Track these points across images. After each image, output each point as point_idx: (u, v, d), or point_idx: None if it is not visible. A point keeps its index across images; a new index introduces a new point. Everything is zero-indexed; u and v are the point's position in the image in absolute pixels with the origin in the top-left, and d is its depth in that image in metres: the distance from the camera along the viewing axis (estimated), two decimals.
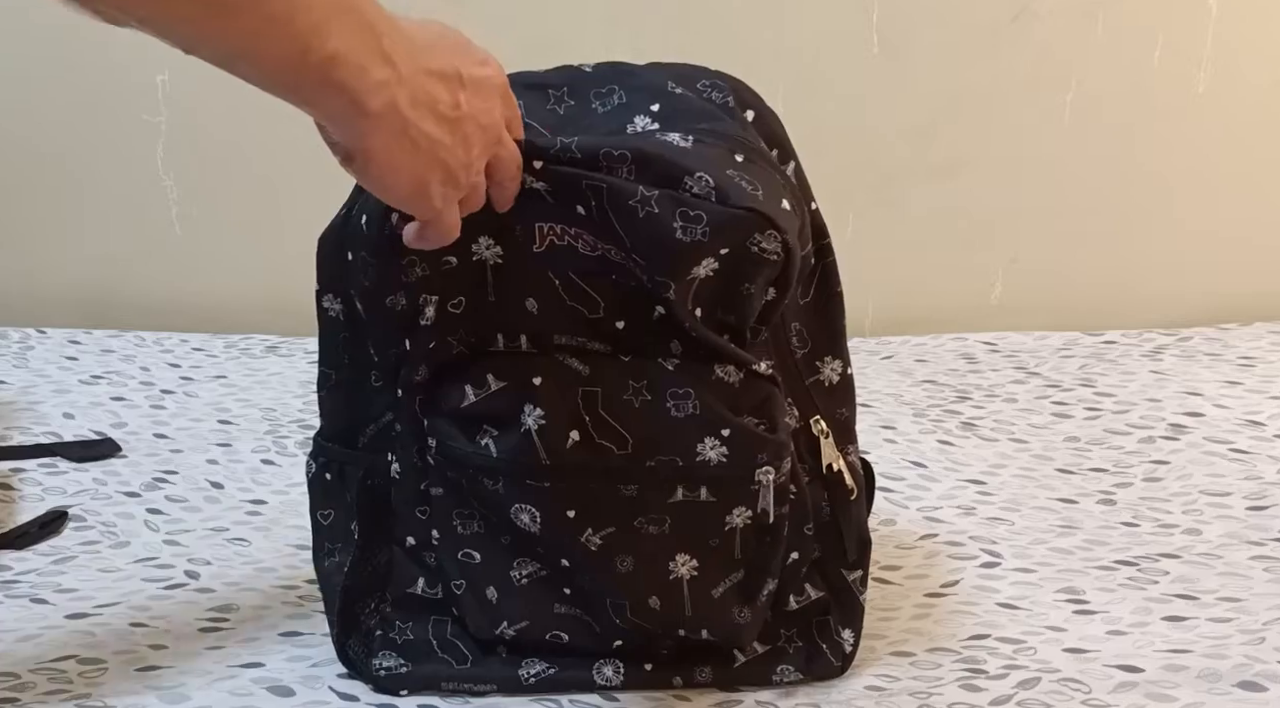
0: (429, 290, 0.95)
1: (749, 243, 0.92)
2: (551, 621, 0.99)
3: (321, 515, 1.04)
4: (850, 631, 1.04)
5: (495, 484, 0.95)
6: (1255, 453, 1.44)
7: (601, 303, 0.95)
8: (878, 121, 1.84)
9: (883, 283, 1.89)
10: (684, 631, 0.99)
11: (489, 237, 0.94)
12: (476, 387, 0.95)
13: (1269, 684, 1.02)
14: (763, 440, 0.95)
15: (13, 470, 1.34)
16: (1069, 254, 1.92)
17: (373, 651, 1.01)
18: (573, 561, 0.97)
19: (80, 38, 1.73)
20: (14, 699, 0.98)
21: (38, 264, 1.81)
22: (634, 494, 0.95)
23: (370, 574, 1.01)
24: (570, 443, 0.94)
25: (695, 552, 0.97)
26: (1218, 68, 1.86)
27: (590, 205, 0.92)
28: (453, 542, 0.98)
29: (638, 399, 0.94)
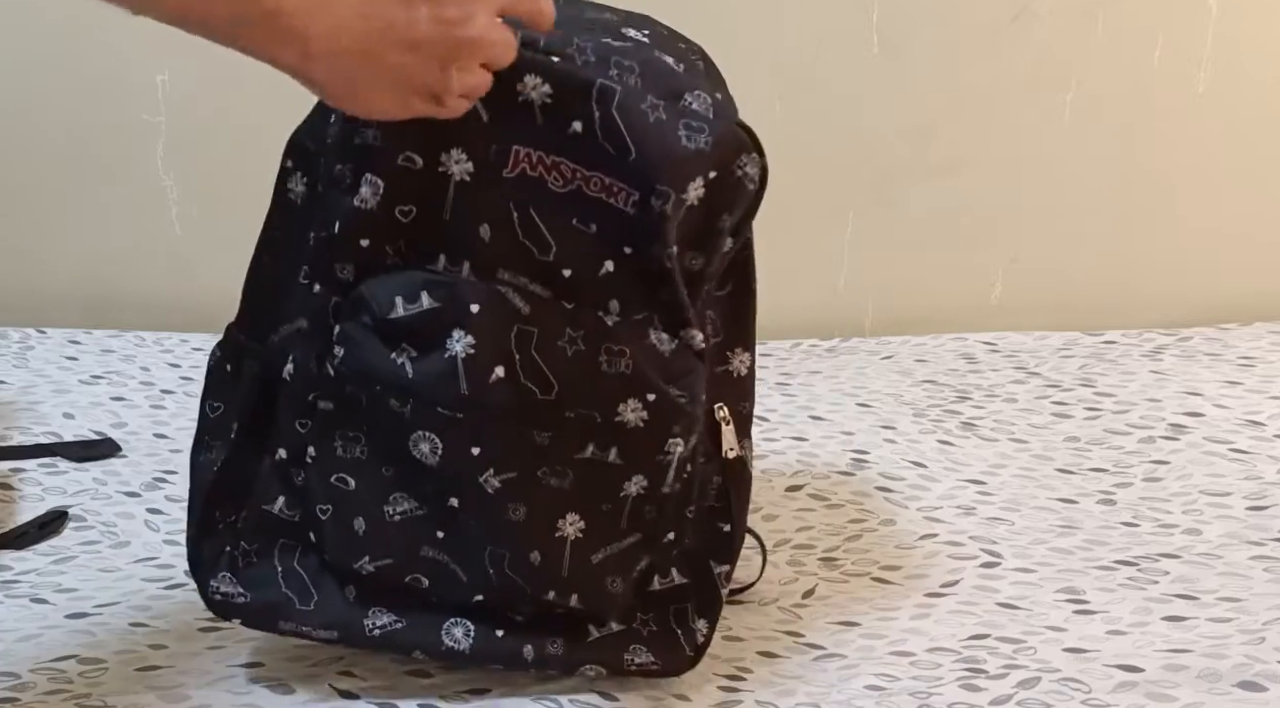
0: (372, 168, 0.92)
1: (735, 166, 0.96)
2: (416, 563, 0.97)
3: (210, 407, 1.01)
4: (705, 621, 1.03)
5: (402, 406, 0.93)
6: (1255, 453, 1.44)
7: (554, 246, 0.94)
8: (877, 121, 1.84)
9: (883, 283, 1.89)
10: (554, 593, 0.97)
11: (462, 149, 0.93)
12: (408, 300, 0.92)
13: (1269, 684, 1.02)
14: (681, 412, 0.96)
15: (13, 470, 1.34)
16: (1069, 254, 1.91)
17: (214, 570, 0.98)
18: (464, 500, 0.95)
19: (80, 38, 1.73)
20: (14, 699, 0.98)
21: (38, 264, 1.81)
22: (545, 442, 0.94)
23: (238, 480, 0.98)
24: (494, 378, 0.92)
25: (585, 514, 0.97)
26: (1218, 68, 1.86)
27: (594, 117, 0.92)
28: (328, 463, 0.95)
29: (571, 348, 0.94)
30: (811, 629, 1.12)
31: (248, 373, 0.98)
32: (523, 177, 0.93)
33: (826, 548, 1.25)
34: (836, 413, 1.55)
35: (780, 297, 1.88)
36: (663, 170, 0.93)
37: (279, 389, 0.96)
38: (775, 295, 1.40)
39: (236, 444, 0.98)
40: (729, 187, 0.96)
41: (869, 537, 1.27)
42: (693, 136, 0.93)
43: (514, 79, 0.91)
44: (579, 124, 0.92)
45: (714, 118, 0.95)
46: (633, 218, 0.93)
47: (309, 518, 0.97)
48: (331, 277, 0.94)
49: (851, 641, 1.11)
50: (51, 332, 1.69)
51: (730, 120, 0.96)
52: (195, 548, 0.99)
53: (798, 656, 1.09)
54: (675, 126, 0.93)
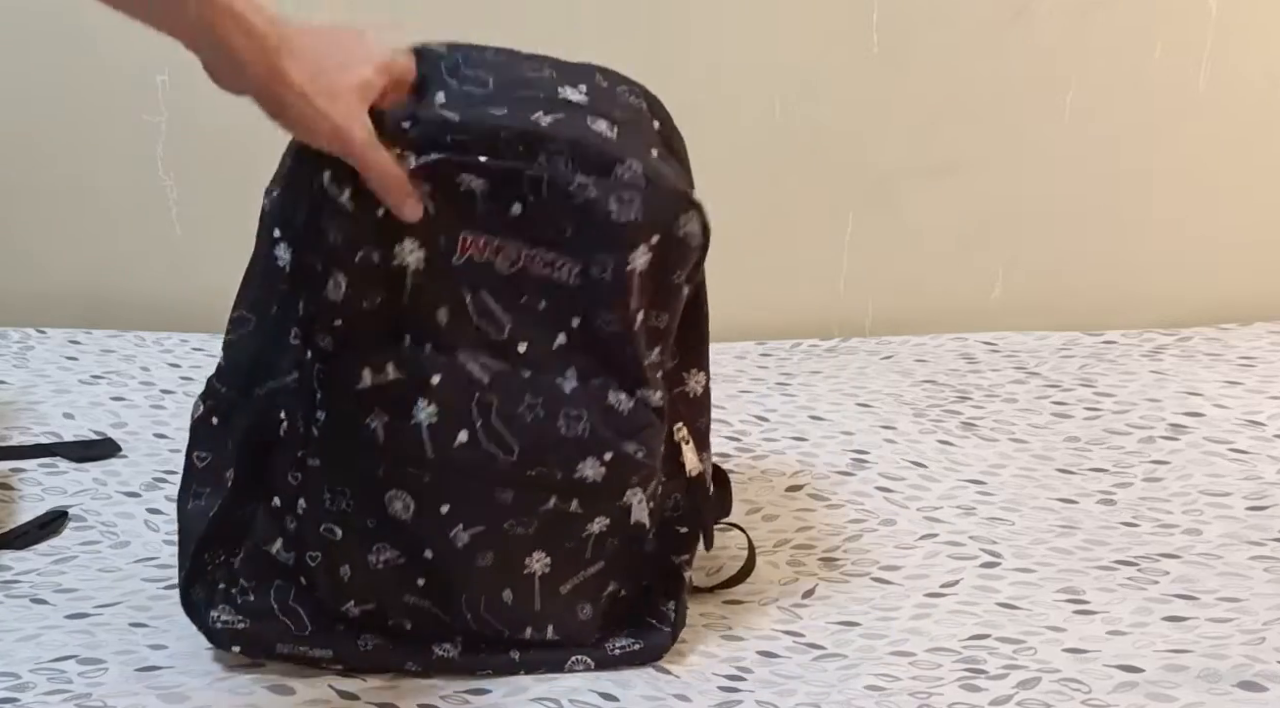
0: (339, 265, 0.96)
1: (675, 228, 1.00)
2: (399, 609, 1.02)
3: (198, 457, 1.05)
4: (674, 600, 1.08)
5: (376, 467, 0.98)
6: (1255, 453, 1.44)
7: (508, 324, 1.00)
8: (877, 122, 1.84)
9: (883, 283, 1.89)
10: (531, 629, 1.03)
11: (415, 240, 0.97)
12: (375, 372, 0.97)
13: (1269, 684, 1.02)
14: (638, 465, 1.02)
15: (13, 470, 1.34)
16: (1069, 254, 1.91)
17: (213, 602, 1.02)
18: (436, 553, 1.00)
19: (80, 38, 1.73)
20: (14, 699, 0.98)
21: (38, 264, 1.81)
22: (508, 500, 1.00)
23: (232, 525, 1.02)
24: (458, 443, 0.98)
25: (551, 551, 1.03)
26: (1218, 68, 1.86)
27: (528, 200, 0.97)
28: (317, 514, 1.00)
29: (530, 414, 0.99)
30: (811, 629, 1.12)
31: (238, 426, 1.02)
32: (471, 262, 0.99)
33: (826, 548, 1.25)
34: (836, 413, 1.55)
35: (780, 297, 1.89)
36: (599, 243, 0.98)
37: (273, 444, 1.01)
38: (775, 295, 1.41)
39: (233, 491, 1.02)
40: (674, 247, 1.00)
41: (869, 537, 1.27)
42: (623, 210, 0.98)
43: (452, 174, 0.97)
44: (518, 206, 0.98)
45: (646, 186, 0.98)
46: (577, 289, 0.99)
47: (301, 563, 1.01)
48: (315, 345, 0.98)
49: (851, 641, 1.11)
50: (51, 332, 1.69)
51: (662, 186, 0.99)
52: (188, 590, 1.03)
53: (798, 656, 1.09)
54: (607, 202, 0.97)
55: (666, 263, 1.01)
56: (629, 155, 0.99)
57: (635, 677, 1.04)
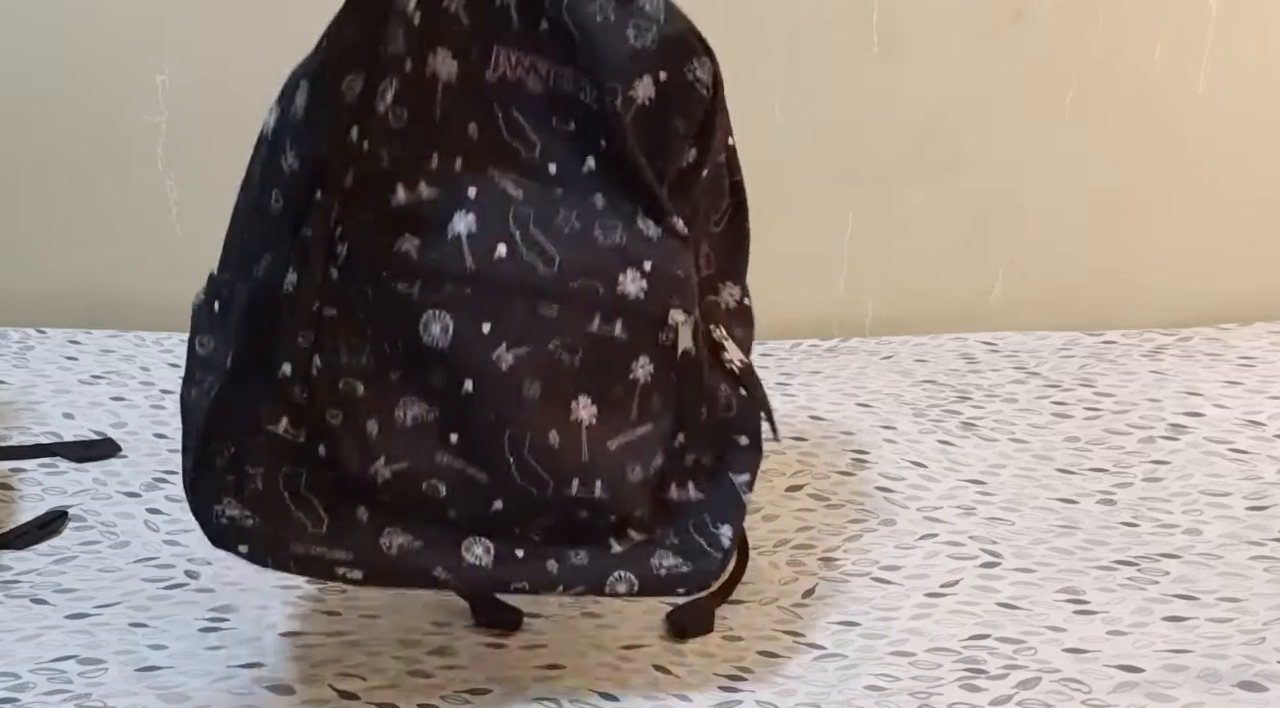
0: (392, 72, 0.94)
1: (685, 69, 0.99)
2: (431, 469, 0.96)
3: (199, 344, 0.97)
4: (727, 525, 1.05)
5: (410, 288, 0.95)
6: (1255, 453, 1.44)
7: (539, 144, 0.99)
8: (877, 121, 1.84)
9: (883, 283, 1.89)
10: (578, 481, 0.98)
11: (448, 50, 0.96)
12: (409, 189, 0.95)
13: (1269, 684, 1.02)
14: (678, 281, 1.00)
15: (13, 470, 1.34)
16: (1069, 254, 1.91)
17: (216, 496, 0.93)
18: (479, 381, 0.95)
19: (80, 38, 1.73)
20: (14, 699, 0.98)
21: (38, 264, 1.81)
22: (554, 315, 0.97)
23: (236, 408, 0.94)
24: (497, 255, 0.96)
25: (597, 398, 0.98)
26: (1218, 68, 1.86)
27: (555, 14, 0.97)
28: (336, 371, 0.94)
29: (567, 225, 0.98)
30: (811, 629, 1.12)
31: (239, 298, 0.95)
32: (504, 79, 0.98)
33: (826, 548, 1.25)
34: (836, 413, 1.55)
35: (780, 297, 1.88)
36: (608, 66, 0.97)
37: (280, 304, 0.94)
38: (775, 295, 1.40)
39: (233, 372, 0.93)
40: (681, 88, 1.00)
41: (869, 537, 1.27)
42: (639, 35, 0.97)
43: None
44: (545, 22, 0.98)
45: (663, 20, 0.98)
46: (597, 113, 0.98)
47: (317, 429, 0.94)
48: (334, 184, 0.94)
49: (851, 641, 1.11)
50: (51, 332, 1.69)
51: (679, 25, 0.99)
52: (193, 482, 0.94)
53: (798, 656, 1.09)
54: (624, 26, 0.97)
55: (667, 105, 1.00)
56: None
57: (635, 677, 1.04)
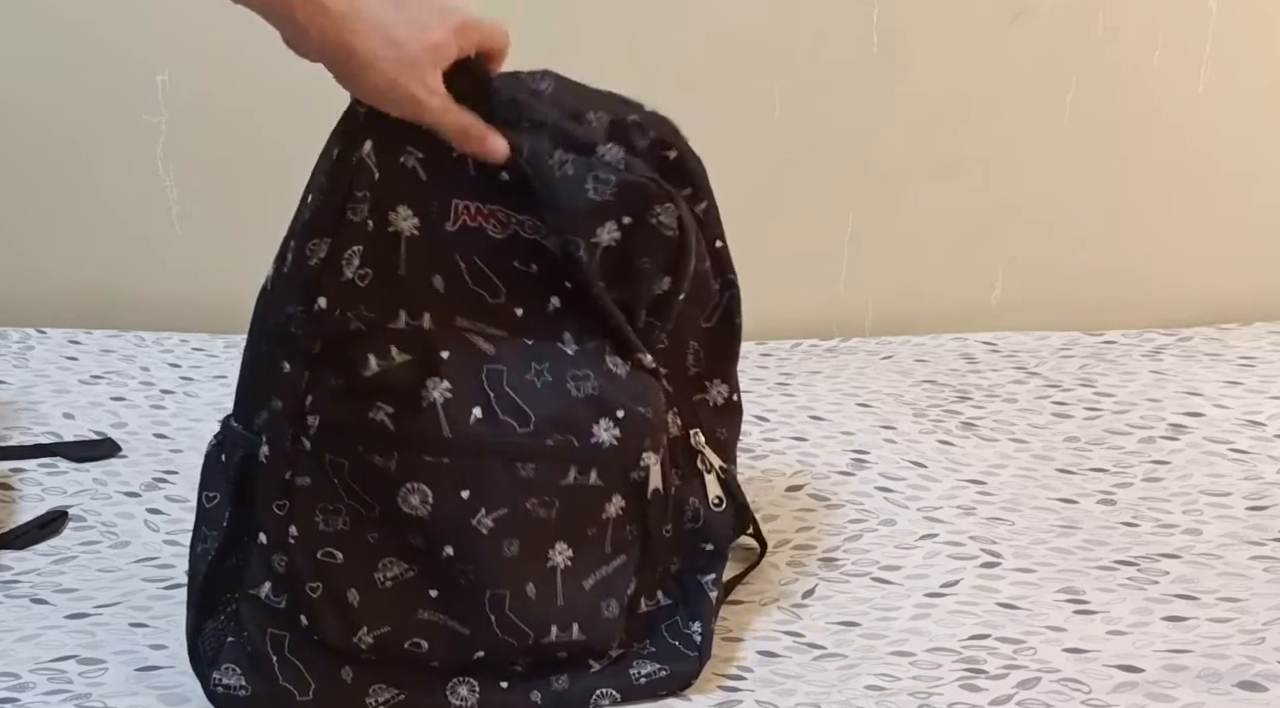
0: (356, 242, 0.96)
1: (649, 215, 1.00)
2: (413, 626, 0.98)
3: (206, 497, 1.00)
4: (698, 622, 1.06)
5: (386, 461, 0.95)
6: (1255, 453, 1.44)
7: (503, 289, 1.00)
8: (877, 121, 1.84)
9: (883, 283, 1.89)
10: (556, 628, 0.99)
11: (408, 207, 0.97)
12: (380, 358, 0.95)
13: (1269, 684, 1.02)
14: (648, 424, 1.01)
15: (13, 470, 1.34)
16: (1069, 254, 1.91)
17: (216, 661, 0.97)
18: (459, 546, 0.96)
19: (81, 38, 1.73)
20: (14, 699, 0.98)
21: (38, 264, 1.81)
22: (530, 475, 0.97)
23: (231, 568, 0.97)
24: (473, 419, 0.96)
25: (572, 541, 1.00)
26: (1218, 68, 1.86)
27: (509, 169, 0.98)
28: (312, 540, 0.96)
29: (539, 380, 0.99)
30: (811, 629, 1.12)
31: (233, 459, 0.98)
32: (464, 228, 0.99)
33: (826, 548, 1.25)
34: (836, 413, 1.55)
35: (780, 297, 1.88)
36: (569, 219, 0.98)
37: (256, 474, 0.96)
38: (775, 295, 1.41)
39: (230, 530, 0.98)
40: (645, 232, 1.00)
41: (869, 537, 1.27)
42: (599, 188, 0.97)
43: None
44: (505, 173, 0.98)
45: (624, 168, 0.98)
46: (561, 258, 0.99)
47: (298, 601, 0.96)
48: (300, 353, 0.95)
49: (851, 641, 1.11)
50: (51, 332, 1.69)
51: (642, 171, 1.00)
52: (193, 640, 0.98)
53: (798, 656, 1.09)
54: (582, 179, 0.97)
55: (634, 246, 1.00)
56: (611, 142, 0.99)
57: None
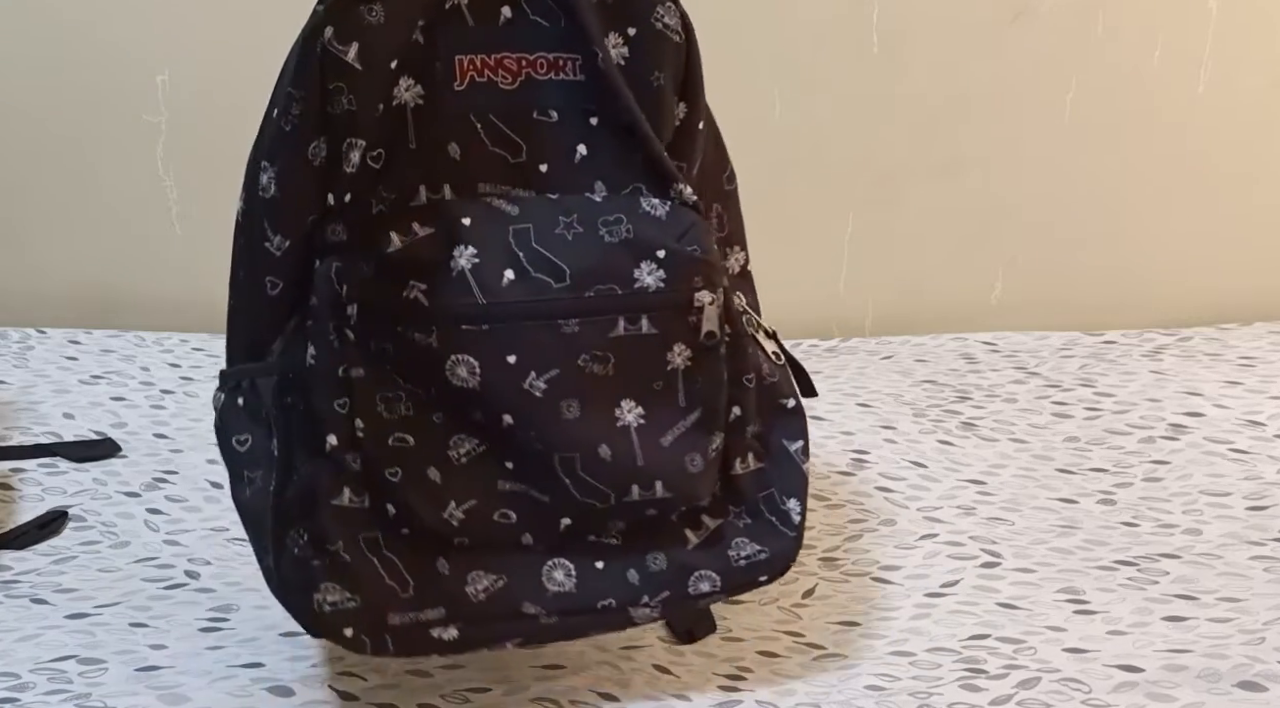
0: (354, 132, 0.92)
1: (652, 18, 0.96)
2: (496, 499, 0.95)
3: (238, 442, 0.96)
4: (796, 500, 1.02)
5: (427, 338, 0.92)
6: (1255, 453, 1.44)
7: (523, 146, 0.96)
8: (877, 121, 1.84)
9: (883, 283, 1.89)
10: (638, 487, 0.95)
11: (409, 76, 0.93)
12: (402, 234, 0.92)
13: (1269, 684, 1.02)
14: (697, 261, 0.96)
15: (13, 470, 1.34)
16: (1069, 254, 1.92)
17: (313, 583, 0.92)
18: (516, 414, 0.93)
19: (80, 38, 1.73)
20: (14, 699, 0.98)
21: (38, 264, 1.81)
22: (575, 330, 0.94)
23: (295, 492, 0.93)
24: (506, 281, 0.93)
25: (640, 397, 0.95)
26: (1218, 68, 1.86)
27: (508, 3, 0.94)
28: (380, 430, 0.93)
29: (570, 232, 0.95)
30: (811, 629, 1.12)
31: (264, 390, 0.95)
32: (473, 84, 0.95)
33: (826, 548, 1.25)
34: (836, 413, 1.55)
35: (780, 297, 1.88)
36: (589, 29, 0.94)
37: (307, 380, 0.92)
38: (775, 295, 1.40)
39: (283, 461, 0.93)
40: (652, 39, 0.96)
41: (869, 537, 1.27)
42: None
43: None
44: (507, 9, 0.94)
45: None
46: (585, 84, 0.95)
47: (382, 490, 0.93)
48: (324, 243, 0.93)
49: (851, 641, 1.11)
50: (51, 332, 1.69)
51: None
52: (282, 581, 0.93)
53: (798, 656, 1.09)
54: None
55: (643, 60, 0.96)
56: None
57: (635, 677, 1.04)
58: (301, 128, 0.91)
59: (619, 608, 0.98)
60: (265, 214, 0.94)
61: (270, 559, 0.94)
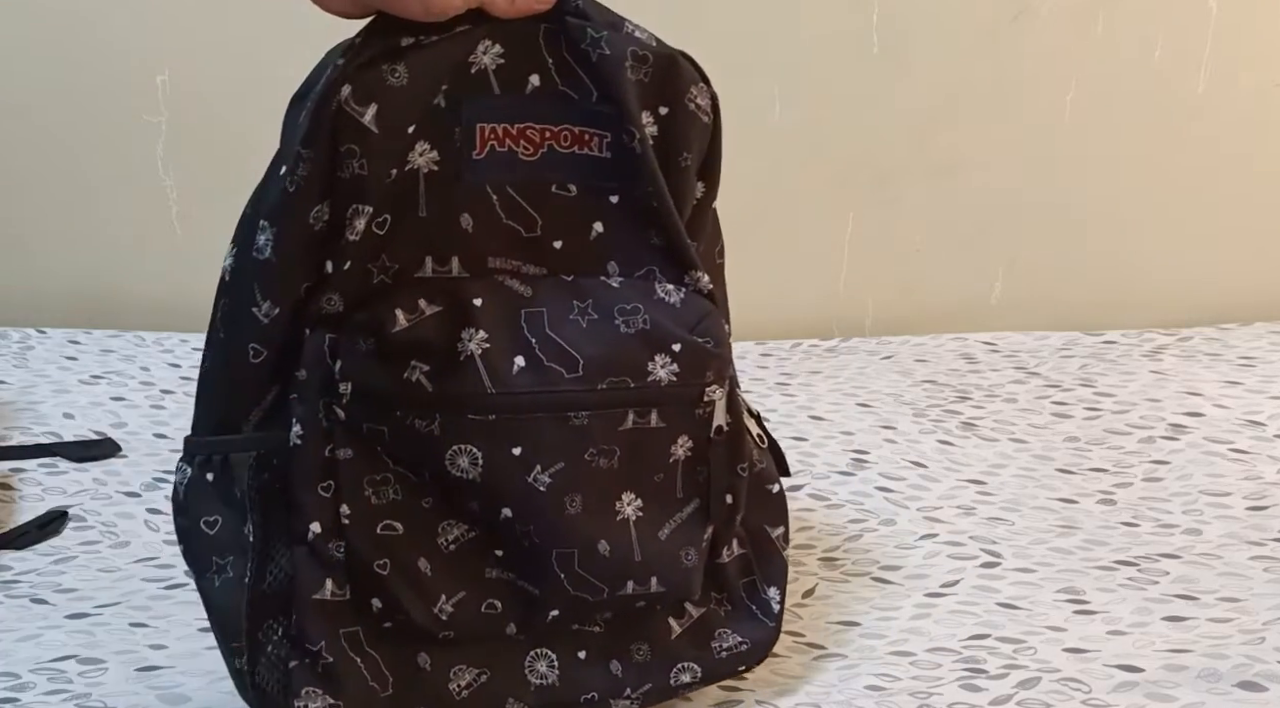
0: (362, 199, 0.85)
1: (687, 99, 0.92)
2: (484, 588, 0.90)
3: (206, 524, 0.89)
4: (775, 588, 1.01)
5: (429, 425, 0.86)
6: (1255, 453, 1.44)
7: (539, 220, 0.91)
8: (877, 121, 1.84)
9: (883, 283, 1.89)
10: (633, 582, 0.92)
11: (426, 141, 0.88)
12: (408, 311, 0.86)
13: (1269, 684, 1.02)
14: (710, 355, 0.92)
15: (13, 470, 1.34)
16: (1069, 254, 1.92)
17: (292, 688, 0.87)
18: (517, 507, 0.88)
19: (81, 38, 1.73)
20: (14, 699, 0.98)
21: (38, 264, 1.81)
22: (585, 423, 0.89)
23: (271, 585, 0.88)
24: (516, 369, 0.88)
25: (640, 490, 0.92)
26: (1218, 68, 1.86)
27: (548, 63, 0.89)
28: (367, 517, 0.87)
29: (585, 319, 0.90)
30: (811, 629, 1.12)
31: (239, 466, 0.88)
32: (492, 154, 0.89)
33: (826, 548, 1.25)
34: (836, 413, 1.55)
35: (780, 297, 1.89)
36: (623, 108, 0.90)
37: (289, 461, 0.87)
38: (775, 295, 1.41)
39: (260, 541, 0.87)
40: (683, 119, 0.92)
41: (869, 537, 1.27)
42: (636, 67, 0.89)
43: (465, 52, 0.88)
44: (535, 77, 0.89)
45: (656, 46, 0.90)
46: (610, 162, 0.91)
47: (368, 583, 0.88)
48: (319, 314, 0.87)
49: (851, 641, 1.11)
50: (51, 332, 1.69)
51: (672, 51, 0.91)
52: (254, 684, 0.88)
53: (798, 656, 1.09)
54: (623, 57, 0.89)
55: (673, 139, 0.92)
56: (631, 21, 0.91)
57: None
58: (306, 190, 0.85)
59: (601, 701, 0.95)
60: (257, 277, 0.87)
61: (243, 661, 0.88)
